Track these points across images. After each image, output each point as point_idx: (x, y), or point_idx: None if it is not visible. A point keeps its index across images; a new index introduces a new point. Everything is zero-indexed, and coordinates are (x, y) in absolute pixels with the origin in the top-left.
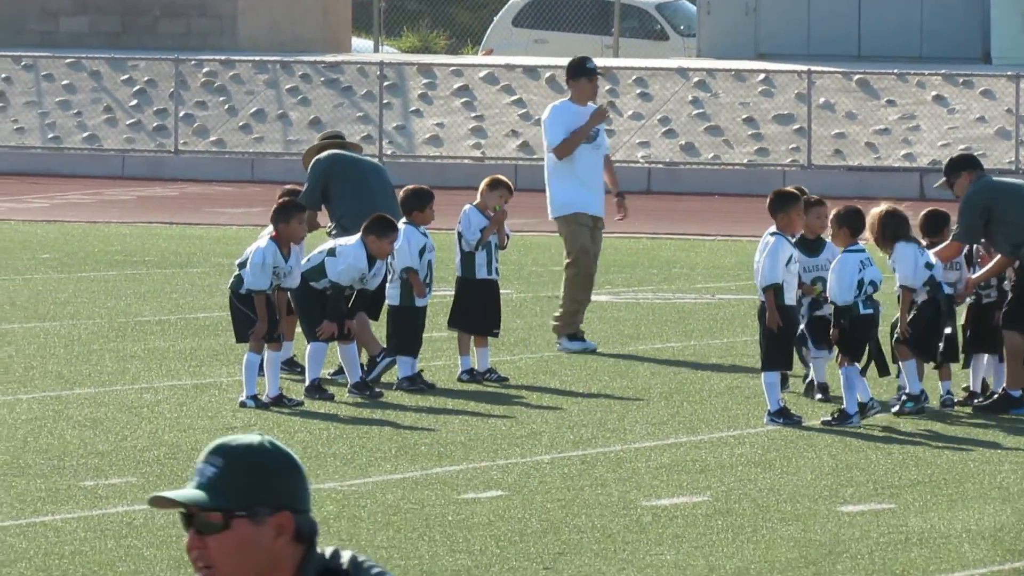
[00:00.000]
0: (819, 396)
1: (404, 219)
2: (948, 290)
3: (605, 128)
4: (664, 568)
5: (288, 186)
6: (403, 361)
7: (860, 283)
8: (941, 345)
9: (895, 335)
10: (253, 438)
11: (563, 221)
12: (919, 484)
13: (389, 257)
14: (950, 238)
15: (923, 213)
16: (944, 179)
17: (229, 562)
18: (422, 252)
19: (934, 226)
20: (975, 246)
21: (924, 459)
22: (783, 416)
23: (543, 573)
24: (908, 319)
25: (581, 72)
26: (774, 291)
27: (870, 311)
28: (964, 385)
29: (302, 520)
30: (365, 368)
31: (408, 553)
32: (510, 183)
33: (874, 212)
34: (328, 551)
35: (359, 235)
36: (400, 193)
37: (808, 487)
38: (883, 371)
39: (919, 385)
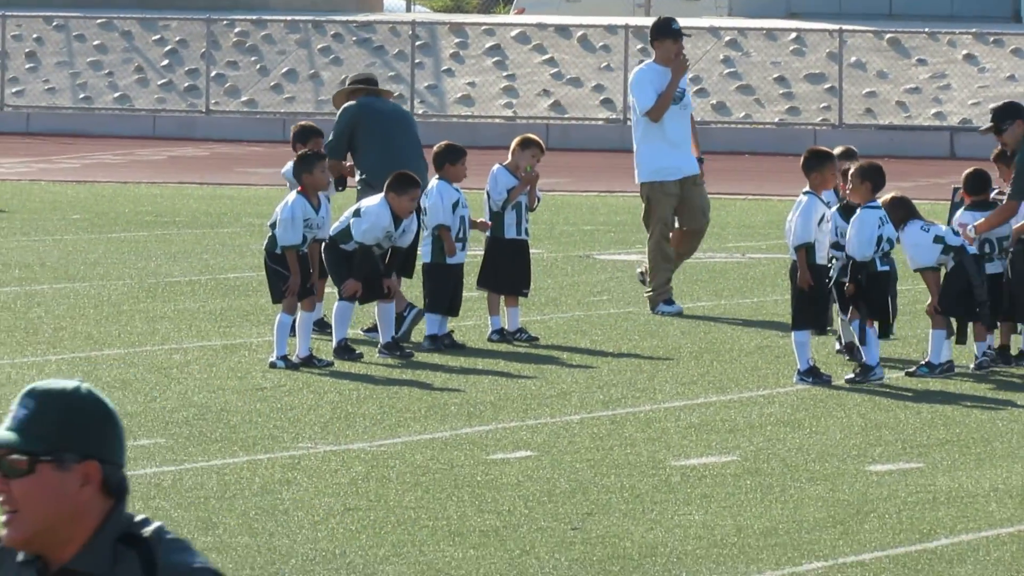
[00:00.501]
0: (846, 355)
1: (437, 175)
2: (972, 250)
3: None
4: (692, 528)
5: (302, 123)
6: (430, 319)
7: (879, 239)
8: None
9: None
10: (69, 384)
11: (648, 187)
12: (947, 443)
13: (423, 214)
14: (1007, 198)
15: (967, 173)
16: (992, 124)
17: (33, 507)
18: (455, 207)
19: (979, 186)
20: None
21: (953, 418)
22: (812, 375)
23: (571, 533)
24: (940, 293)
25: (666, 33)
26: (806, 250)
27: (886, 268)
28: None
29: (111, 472)
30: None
31: (437, 513)
32: (542, 142)
33: (881, 202)
34: (138, 517)
35: (383, 194)
36: (433, 149)
37: (837, 446)
38: (884, 333)
39: (941, 356)
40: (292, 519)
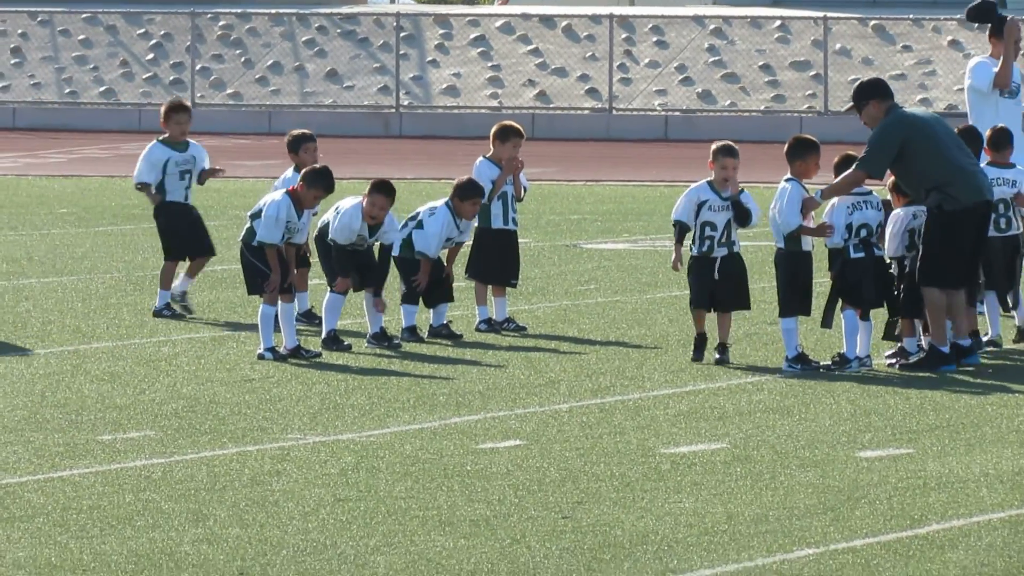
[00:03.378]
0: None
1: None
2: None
3: (619, 78)
4: (683, 515)
5: (295, 132)
6: (406, 310)
7: (850, 227)
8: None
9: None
10: None
11: None
12: (937, 429)
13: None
14: (854, 165)
15: (993, 129)
16: (852, 104)
17: None
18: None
19: (1002, 142)
20: None
21: (942, 404)
22: (801, 362)
23: (562, 522)
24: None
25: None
26: (795, 236)
27: (861, 255)
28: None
29: None
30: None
31: (427, 503)
32: (520, 128)
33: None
34: None
35: (360, 197)
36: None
37: (826, 433)
38: (825, 322)
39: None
40: (282, 510)
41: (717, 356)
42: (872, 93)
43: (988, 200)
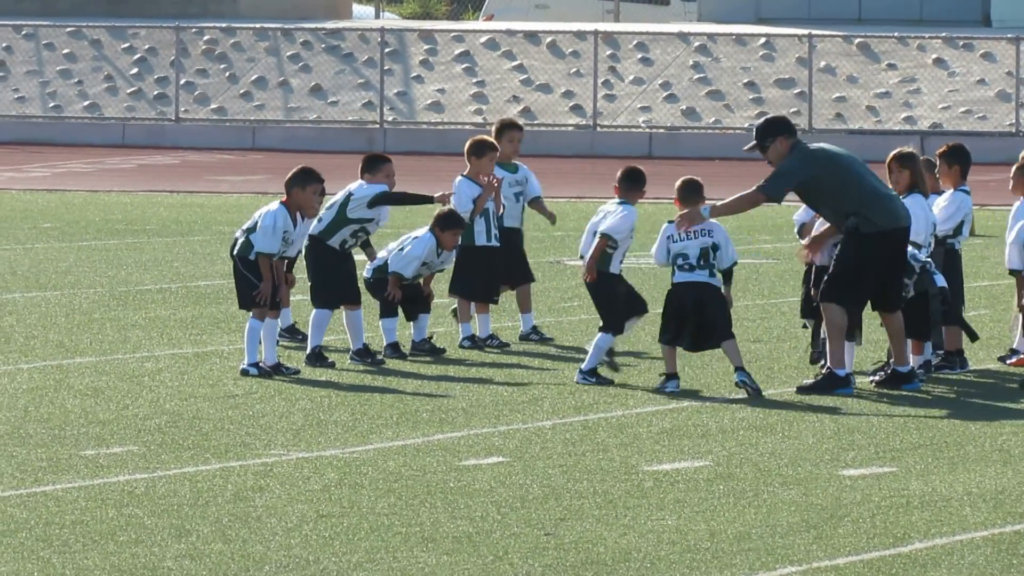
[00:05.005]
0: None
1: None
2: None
3: (603, 95)
4: (666, 533)
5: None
6: (387, 327)
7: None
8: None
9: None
10: None
11: None
12: (920, 447)
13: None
14: (755, 187)
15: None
16: (755, 143)
17: None
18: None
19: (691, 194)
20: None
21: (925, 422)
22: (595, 376)
23: (544, 539)
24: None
25: None
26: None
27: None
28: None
29: None
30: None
31: (410, 520)
32: (493, 141)
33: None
34: None
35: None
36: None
37: (809, 451)
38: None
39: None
40: (265, 526)
41: (738, 380)
42: (779, 130)
43: (905, 226)
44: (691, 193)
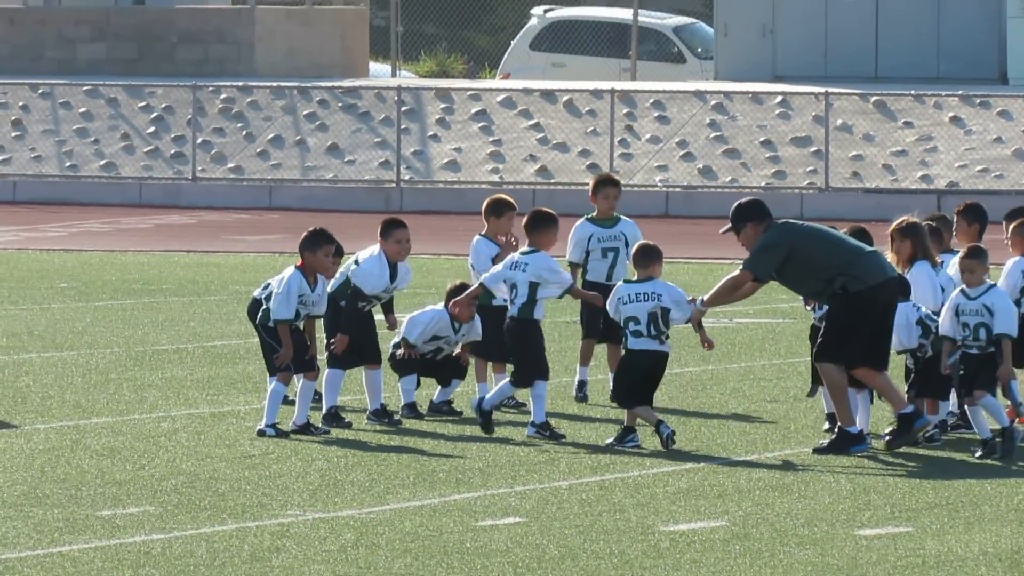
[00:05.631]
0: (826, 426)
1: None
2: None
3: (620, 153)
4: None
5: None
6: (404, 386)
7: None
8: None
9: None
10: None
11: None
12: (936, 507)
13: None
14: (741, 267)
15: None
16: (729, 226)
17: None
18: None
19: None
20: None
21: (941, 482)
22: (547, 429)
23: None
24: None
25: None
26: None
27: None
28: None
29: None
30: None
31: None
32: (511, 200)
33: None
34: None
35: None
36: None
37: (826, 511)
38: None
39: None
40: None
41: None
42: (749, 216)
43: (893, 277)
44: (645, 257)
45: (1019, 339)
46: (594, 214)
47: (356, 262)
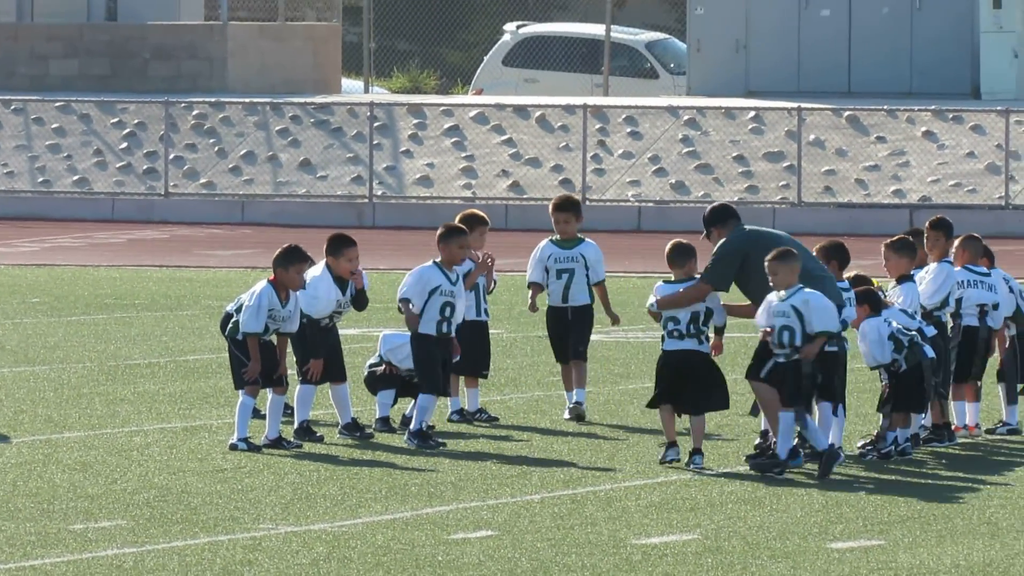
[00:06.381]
0: (757, 441)
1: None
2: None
3: (592, 169)
4: None
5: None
6: (382, 401)
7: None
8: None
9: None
10: None
11: None
12: (908, 520)
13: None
14: (699, 279)
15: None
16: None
17: None
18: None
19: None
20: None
21: (913, 495)
22: (425, 438)
23: None
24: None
25: None
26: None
27: (834, 349)
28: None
29: None
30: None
31: None
32: (483, 215)
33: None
34: None
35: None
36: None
37: (798, 524)
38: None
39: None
40: None
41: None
42: (713, 220)
43: (838, 304)
44: (681, 256)
45: (967, 354)
46: (556, 236)
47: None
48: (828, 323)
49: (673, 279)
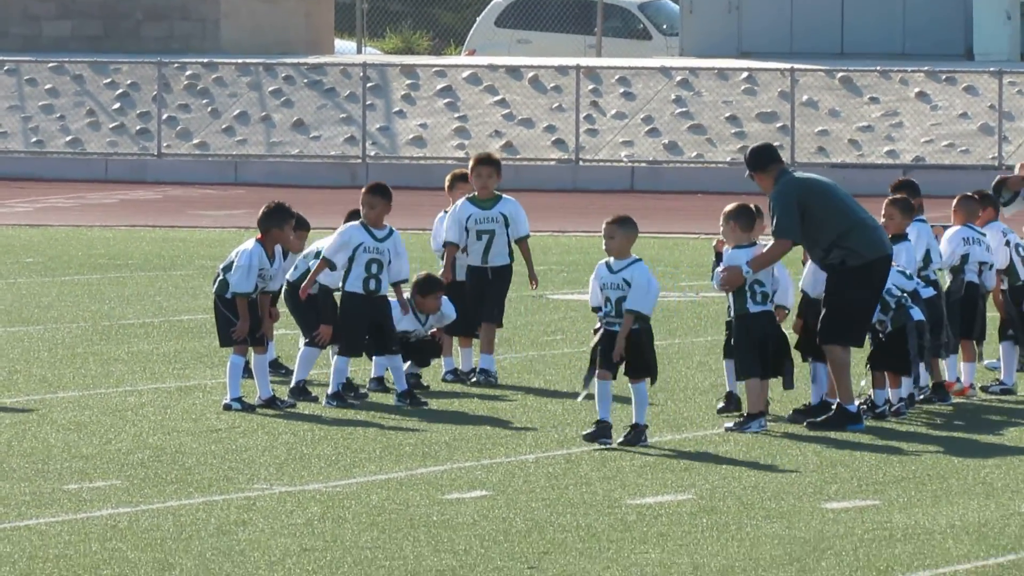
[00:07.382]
0: (720, 404)
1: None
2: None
3: (585, 129)
4: (649, 567)
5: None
6: (377, 361)
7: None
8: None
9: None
10: None
11: None
12: (903, 480)
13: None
14: (774, 236)
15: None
16: (749, 172)
17: None
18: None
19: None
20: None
21: (908, 455)
22: (337, 399)
23: (528, 572)
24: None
25: None
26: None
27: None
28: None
29: None
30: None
31: (393, 553)
32: (466, 172)
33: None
34: None
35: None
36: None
37: (793, 484)
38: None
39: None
40: (248, 560)
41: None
42: (752, 165)
43: (888, 255)
44: (750, 219)
45: (967, 313)
46: (475, 194)
47: (318, 254)
48: (642, 304)
49: (733, 244)
